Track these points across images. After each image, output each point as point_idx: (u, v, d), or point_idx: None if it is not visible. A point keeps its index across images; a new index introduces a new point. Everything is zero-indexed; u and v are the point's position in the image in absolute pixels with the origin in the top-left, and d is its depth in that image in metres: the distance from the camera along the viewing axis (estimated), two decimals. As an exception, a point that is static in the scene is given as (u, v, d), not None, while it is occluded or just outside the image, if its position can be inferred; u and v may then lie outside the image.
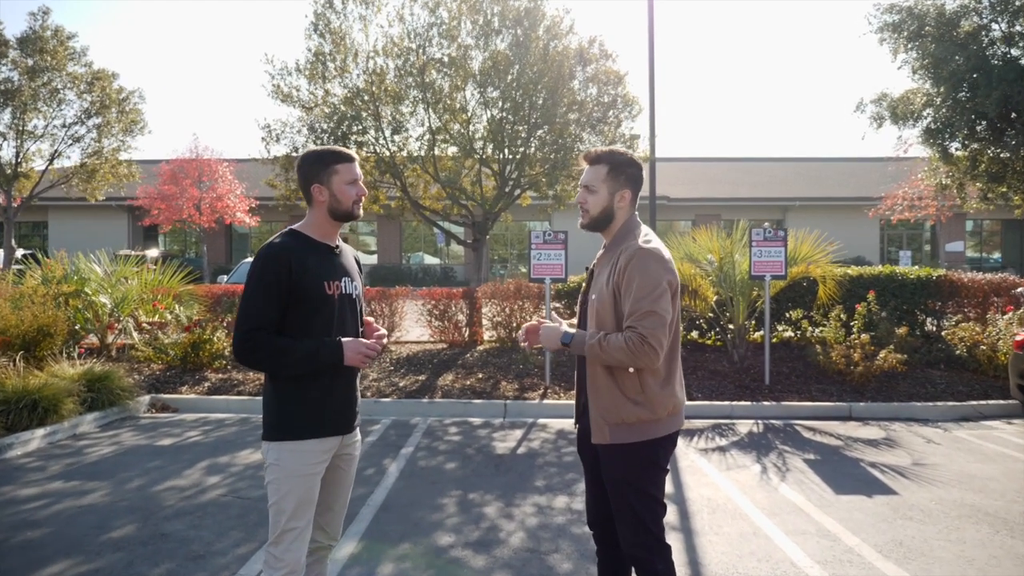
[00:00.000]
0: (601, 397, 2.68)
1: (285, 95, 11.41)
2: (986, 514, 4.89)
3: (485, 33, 10.99)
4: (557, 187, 11.56)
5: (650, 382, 2.65)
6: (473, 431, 7.42)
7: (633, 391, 2.64)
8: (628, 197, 2.79)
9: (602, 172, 2.78)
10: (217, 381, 9.07)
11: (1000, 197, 13.22)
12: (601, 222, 2.80)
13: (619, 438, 2.66)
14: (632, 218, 2.82)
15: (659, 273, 2.61)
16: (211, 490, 5.37)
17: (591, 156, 2.82)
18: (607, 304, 2.67)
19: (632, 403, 2.64)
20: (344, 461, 2.81)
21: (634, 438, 2.65)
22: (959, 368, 9.57)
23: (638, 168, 2.81)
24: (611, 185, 2.77)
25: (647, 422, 2.66)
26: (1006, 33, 11.69)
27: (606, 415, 2.67)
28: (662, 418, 2.68)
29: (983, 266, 31.94)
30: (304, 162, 2.74)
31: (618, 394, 2.65)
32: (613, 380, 2.66)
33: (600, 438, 2.69)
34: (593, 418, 2.70)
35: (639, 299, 2.56)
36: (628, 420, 2.64)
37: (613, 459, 2.68)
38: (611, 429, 2.66)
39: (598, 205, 2.78)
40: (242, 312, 2.57)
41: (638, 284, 2.57)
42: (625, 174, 2.78)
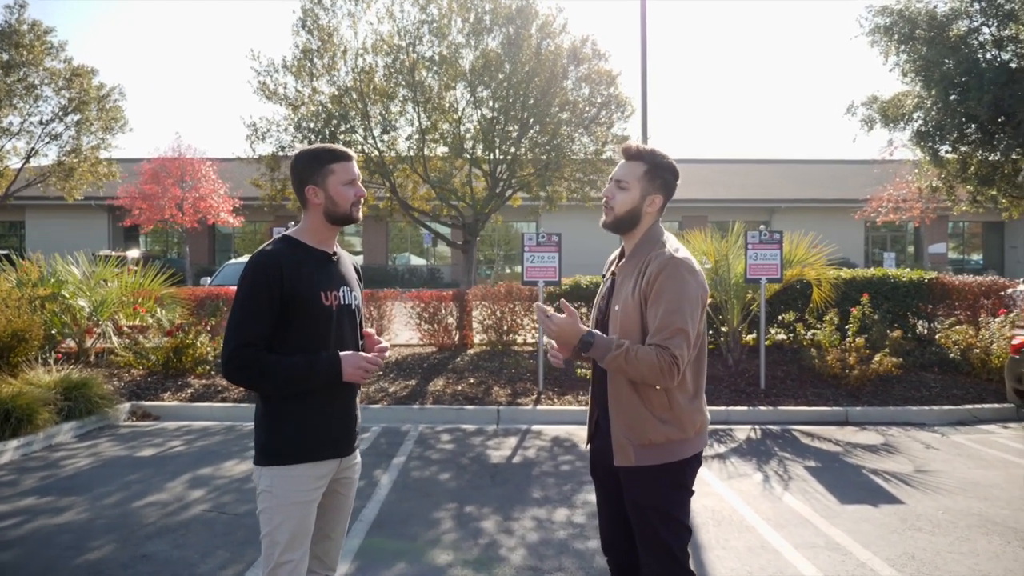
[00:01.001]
0: (625, 415, 2.48)
1: (271, 93, 11.16)
2: (995, 524, 4.77)
3: (476, 31, 10.80)
4: (549, 188, 11.39)
5: (679, 398, 2.46)
6: (466, 439, 7.23)
7: (661, 408, 2.45)
8: (658, 204, 2.59)
9: (639, 170, 2.56)
10: (200, 387, 8.81)
11: (989, 200, 13.22)
12: (624, 224, 2.59)
13: (645, 460, 2.46)
14: (657, 225, 2.62)
15: (693, 287, 2.43)
16: (195, 505, 5.14)
17: (631, 151, 2.59)
18: (633, 315, 2.47)
19: (659, 421, 2.45)
20: (343, 485, 2.61)
21: (661, 459, 2.46)
22: (953, 371, 9.51)
23: (676, 176, 2.61)
24: (645, 186, 2.56)
25: (675, 442, 2.47)
26: (996, 36, 11.68)
27: (631, 435, 2.47)
28: (690, 437, 2.50)
29: (964, 268, 32.20)
30: (298, 162, 2.53)
31: (644, 412, 2.46)
32: (639, 396, 2.46)
33: (624, 460, 2.49)
34: (616, 438, 2.50)
35: (671, 313, 2.37)
36: (655, 440, 2.45)
37: (638, 483, 2.49)
38: (636, 450, 2.46)
39: (626, 204, 2.56)
40: (231, 327, 2.36)
41: (669, 297, 2.38)
42: (662, 178, 2.57)
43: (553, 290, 10.38)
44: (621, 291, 2.55)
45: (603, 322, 2.65)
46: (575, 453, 6.67)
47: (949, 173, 13.02)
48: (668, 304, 2.37)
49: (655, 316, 2.40)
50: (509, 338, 10.87)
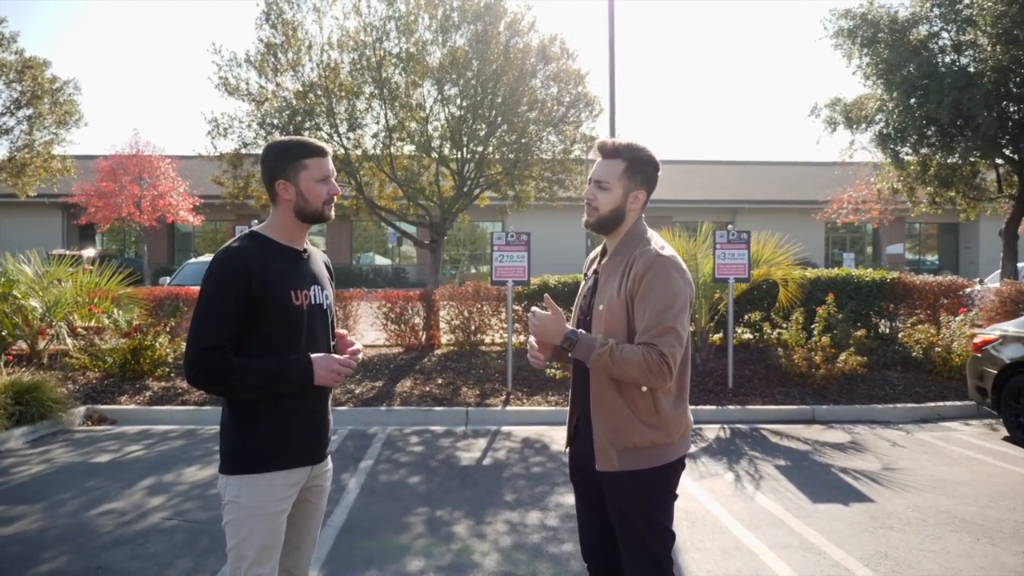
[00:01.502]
0: (609, 418, 2.40)
1: (233, 88, 10.90)
2: (964, 521, 4.82)
3: (444, 28, 10.68)
4: (518, 187, 11.31)
5: (663, 401, 2.39)
6: (435, 441, 7.12)
7: (646, 411, 2.38)
8: (642, 199, 2.51)
9: (618, 168, 2.47)
10: (160, 390, 8.55)
11: (948, 201, 13.49)
12: (609, 223, 2.51)
13: (629, 465, 2.38)
14: (640, 221, 2.55)
15: (680, 285, 2.36)
16: (154, 513, 4.95)
17: (607, 148, 2.50)
18: (618, 315, 2.39)
19: (644, 425, 2.38)
20: (313, 494, 2.49)
21: (645, 464, 2.39)
22: (915, 369, 9.65)
23: (656, 168, 2.53)
24: (626, 183, 2.47)
25: (660, 446, 2.40)
26: (955, 41, 11.91)
27: (614, 439, 2.39)
28: (675, 440, 2.43)
29: (921, 268, 32.95)
30: (269, 154, 2.41)
31: (629, 415, 2.38)
32: (624, 399, 2.38)
33: (607, 465, 2.41)
34: (599, 442, 2.42)
35: (659, 312, 2.29)
36: (640, 444, 2.38)
37: (622, 488, 2.41)
38: (620, 455, 2.38)
39: (609, 204, 2.47)
40: (194, 328, 2.23)
41: (658, 296, 2.31)
42: (643, 173, 2.49)
43: (522, 289, 10.31)
44: (605, 290, 2.47)
45: (586, 323, 2.55)
46: (546, 454, 6.60)
47: (910, 175, 13.26)
48: (656, 303, 2.30)
49: (643, 315, 2.32)
50: (477, 338, 10.78)
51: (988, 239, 32.18)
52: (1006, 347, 7.36)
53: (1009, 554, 4.26)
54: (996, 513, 4.97)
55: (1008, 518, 4.87)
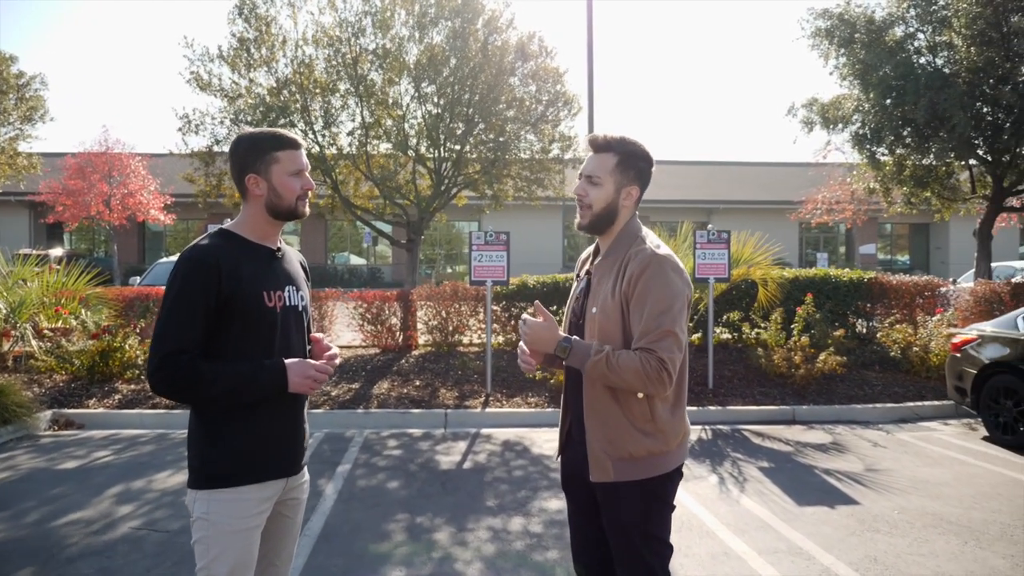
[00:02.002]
0: (604, 426, 2.29)
1: (205, 83, 10.64)
2: (950, 523, 4.79)
3: (421, 24, 10.52)
4: (496, 186, 11.19)
5: (660, 408, 2.28)
6: (414, 444, 6.97)
7: (642, 419, 2.27)
8: (635, 195, 2.39)
9: (610, 163, 2.35)
10: (129, 393, 8.31)
11: (923, 202, 13.60)
12: (603, 221, 2.39)
13: (625, 475, 2.27)
14: (634, 219, 2.43)
15: (678, 285, 2.25)
16: (123, 522, 4.75)
17: (598, 142, 2.38)
18: (613, 318, 2.28)
19: (641, 434, 2.27)
20: (289, 508, 2.35)
21: (642, 474, 2.28)
22: (893, 369, 9.69)
23: (650, 163, 2.41)
24: (619, 179, 2.36)
25: (657, 455, 2.29)
26: (931, 42, 12.00)
27: (609, 448, 2.28)
28: (672, 449, 2.33)
29: (892, 267, 33.38)
30: (238, 146, 2.25)
31: (625, 423, 2.27)
32: (619, 406, 2.27)
33: (602, 475, 2.29)
34: (593, 452, 2.30)
35: (658, 315, 2.18)
36: (636, 454, 2.27)
37: (617, 500, 2.30)
38: (615, 465, 2.27)
39: (601, 201, 2.35)
40: (159, 332, 2.07)
41: (656, 297, 2.20)
42: (636, 168, 2.37)
43: (500, 289, 10.20)
44: (599, 292, 2.36)
45: (579, 326, 2.44)
46: (527, 457, 6.49)
47: (885, 175, 13.35)
48: (654, 305, 2.20)
49: (639, 318, 2.21)
50: (455, 339, 10.64)
51: (958, 239, 32.71)
52: (985, 347, 7.39)
53: (998, 557, 4.23)
54: (981, 515, 4.95)
55: (994, 520, 4.85)
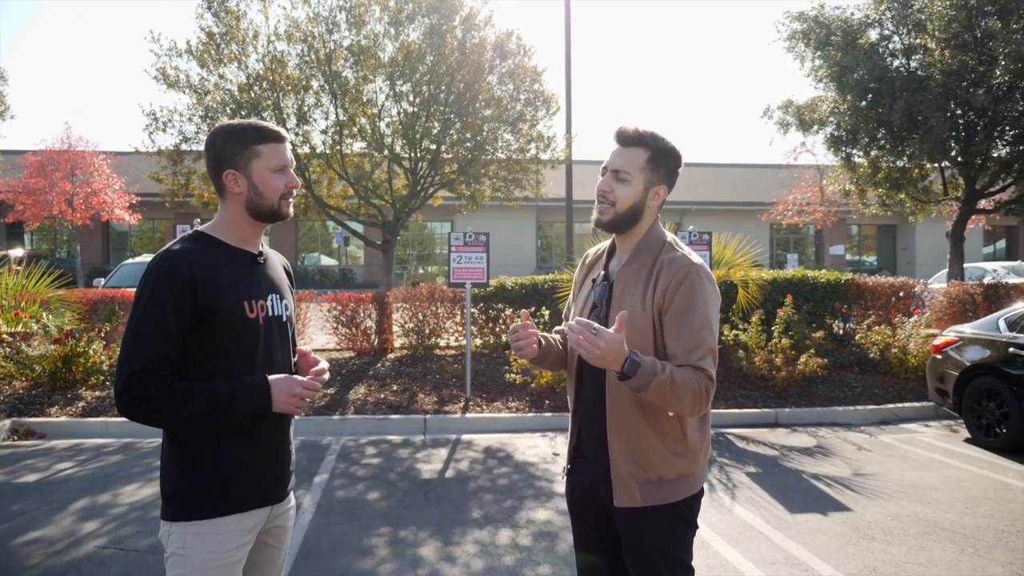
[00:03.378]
0: (630, 447, 2.10)
1: (172, 80, 10.29)
2: (944, 530, 4.72)
3: (397, 21, 10.28)
4: (473, 186, 10.99)
5: (691, 426, 2.12)
6: (393, 451, 6.76)
7: (673, 438, 2.10)
8: (662, 196, 2.21)
9: (640, 158, 2.15)
10: (94, 400, 7.97)
11: (897, 203, 13.70)
12: (626, 221, 2.19)
13: (652, 499, 2.10)
14: (658, 222, 2.26)
15: (714, 298, 2.10)
16: (88, 540, 4.48)
17: (628, 135, 2.16)
18: (644, 330, 2.09)
19: (672, 454, 2.09)
20: (273, 537, 2.13)
21: (670, 498, 2.11)
22: (872, 370, 9.69)
23: (679, 162, 2.22)
24: (649, 177, 2.16)
25: (686, 477, 2.12)
26: (906, 45, 12.07)
27: (637, 471, 2.09)
28: (700, 469, 2.17)
29: (860, 268, 33.83)
30: (215, 140, 2.03)
31: (655, 443, 2.09)
32: (649, 424, 2.08)
33: (628, 500, 2.11)
34: (618, 475, 2.11)
35: (700, 330, 2.01)
36: (667, 476, 2.09)
37: (643, 524, 2.12)
38: (642, 488, 2.09)
39: (628, 199, 2.15)
40: (127, 349, 1.85)
41: (698, 310, 2.03)
42: (666, 166, 2.19)
43: (479, 291, 10.02)
44: (624, 301, 2.15)
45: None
46: (510, 465, 6.32)
47: (860, 177, 13.42)
48: (696, 319, 2.03)
49: (680, 333, 2.03)
50: (431, 342, 10.44)
51: (924, 240, 33.25)
52: (966, 349, 7.38)
53: (996, 565, 4.15)
54: (974, 520, 4.89)
55: (987, 525, 4.79)
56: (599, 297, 2.26)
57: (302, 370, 2.19)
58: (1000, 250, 35.70)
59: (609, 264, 2.32)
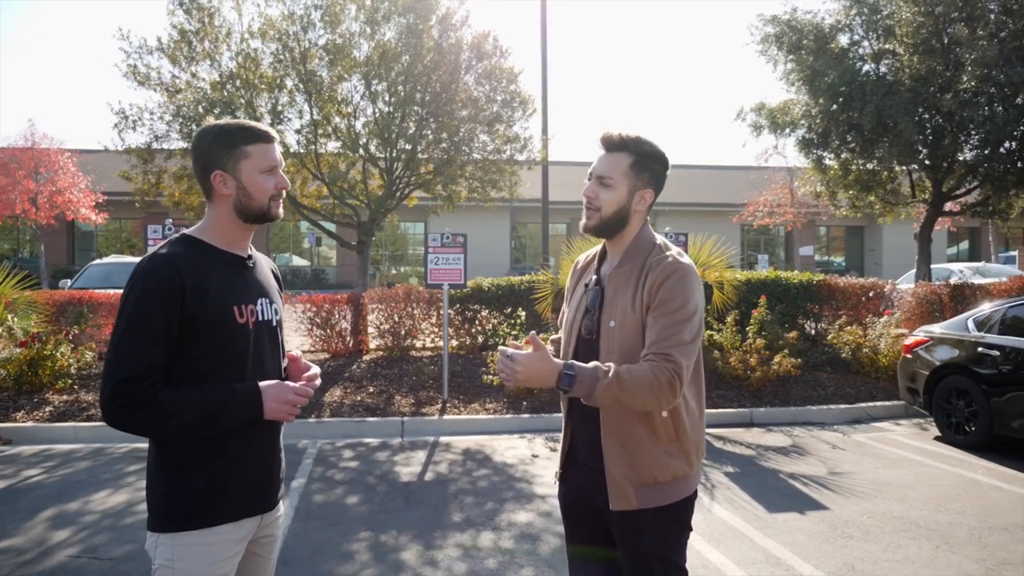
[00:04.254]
0: (625, 450, 2.10)
1: (143, 77, 10.10)
2: (919, 527, 4.79)
3: (372, 20, 10.19)
4: (450, 187, 10.94)
5: (687, 424, 2.12)
6: (371, 454, 6.71)
7: (667, 439, 2.10)
8: (649, 199, 2.23)
9: (623, 163, 2.18)
10: (62, 405, 7.79)
11: (867, 205, 13.92)
12: (613, 226, 2.21)
13: (648, 502, 2.10)
14: (647, 225, 2.28)
15: (699, 296, 2.11)
16: (59, 550, 4.37)
17: (612, 140, 2.19)
18: (635, 332, 2.09)
19: (667, 456, 2.10)
20: (263, 546, 2.09)
21: (666, 500, 2.11)
22: (844, 370, 9.84)
23: (665, 165, 2.24)
24: (633, 181, 2.18)
25: (681, 478, 2.13)
26: (875, 50, 12.26)
27: (631, 474, 2.10)
28: (695, 470, 2.19)
29: (829, 269, 34.37)
30: (202, 140, 1.99)
31: (649, 444, 2.09)
32: (644, 426, 2.09)
33: (623, 504, 2.11)
34: (613, 478, 2.11)
35: (676, 323, 2.02)
36: (661, 479, 2.10)
37: (638, 527, 2.12)
38: (638, 491, 2.10)
39: (613, 204, 2.18)
40: (112, 356, 1.80)
41: (676, 304, 2.04)
42: (651, 170, 2.21)
43: (455, 292, 9.99)
44: (616, 304, 2.16)
45: (591, 342, 2.22)
46: (489, 467, 6.30)
47: (831, 179, 13.61)
48: (674, 313, 2.03)
49: (656, 322, 2.04)
50: (407, 343, 10.38)
51: (890, 241, 33.89)
52: (936, 349, 7.52)
53: (971, 562, 4.23)
54: (947, 517, 4.98)
55: (960, 522, 4.88)
56: (591, 302, 2.26)
57: (292, 376, 2.15)
58: (963, 251, 36.52)
59: (601, 268, 2.32)
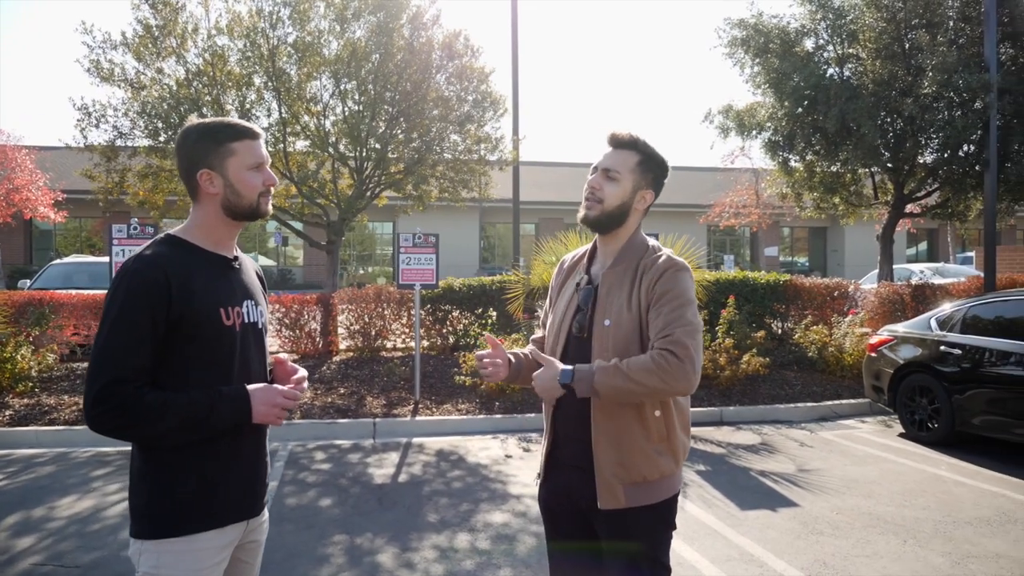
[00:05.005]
0: (614, 448, 2.12)
1: (106, 73, 9.88)
2: (886, 522, 4.90)
3: (342, 18, 10.11)
4: (422, 187, 10.89)
5: (676, 421, 2.15)
6: (343, 456, 6.65)
7: (658, 437, 2.12)
8: (648, 200, 2.27)
9: (631, 160, 2.23)
10: (22, 408, 7.59)
11: (831, 207, 14.17)
12: (612, 220, 2.23)
13: (636, 500, 2.11)
14: (640, 228, 2.31)
15: (693, 293, 2.15)
16: (24, 558, 4.26)
17: (621, 137, 2.24)
18: (630, 329, 2.12)
19: (656, 453, 2.12)
20: (248, 552, 2.07)
21: (654, 498, 2.13)
22: (810, 369, 10.01)
23: (666, 172, 2.29)
24: (638, 179, 2.23)
25: (668, 477, 2.15)
26: (840, 55, 12.50)
27: (621, 472, 2.11)
28: (680, 470, 2.22)
29: (793, 269, 34.96)
30: (187, 139, 1.96)
31: (640, 443, 2.11)
32: (637, 424, 2.11)
33: (612, 502, 2.12)
34: (603, 477, 2.12)
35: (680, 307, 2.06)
36: (649, 476, 2.11)
37: (625, 527, 2.14)
38: (627, 490, 2.11)
39: (616, 198, 2.21)
40: (96, 359, 1.76)
41: (678, 294, 2.08)
42: (654, 172, 2.27)
43: (426, 292, 9.95)
44: (610, 303, 2.19)
45: (582, 340, 2.23)
46: (463, 468, 6.29)
47: (796, 181, 13.84)
48: (675, 300, 2.08)
49: (660, 311, 2.08)
50: (378, 344, 10.31)
51: (852, 242, 34.59)
52: (901, 347, 7.69)
53: (937, 555, 4.33)
54: (913, 512, 5.09)
55: (926, 517, 4.99)
56: (583, 300, 2.27)
57: (279, 379, 2.12)
58: (922, 252, 37.40)
59: (591, 268, 2.34)
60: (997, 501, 5.34)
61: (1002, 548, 4.43)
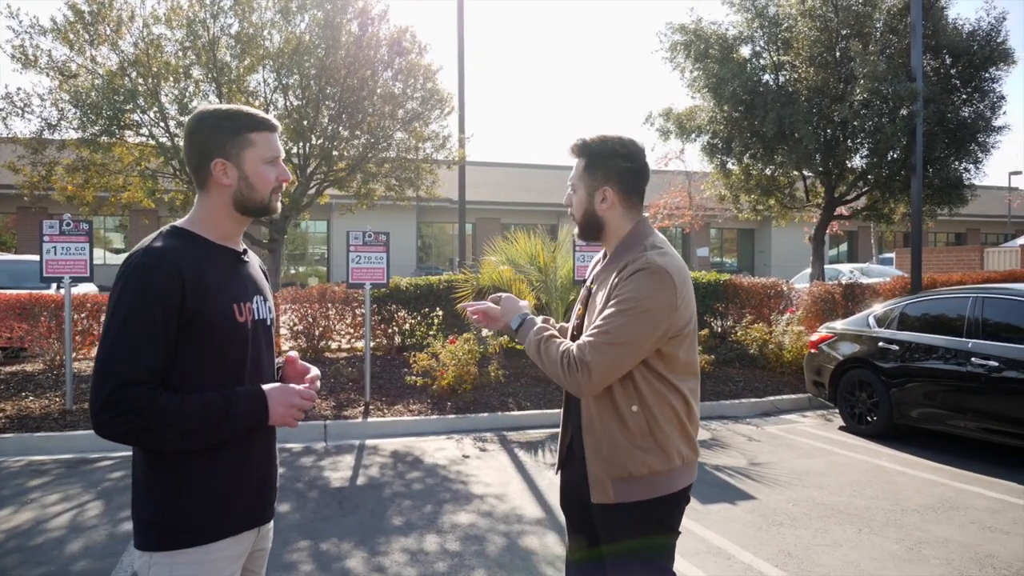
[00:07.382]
0: (599, 442, 2.13)
1: (32, 59, 9.36)
2: (840, 512, 5.07)
3: (286, 11, 9.85)
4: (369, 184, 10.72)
5: (662, 421, 2.12)
6: (296, 460, 6.48)
7: (640, 434, 2.11)
8: (612, 196, 2.20)
9: (580, 167, 2.26)
10: (-57, 415, 7.11)
11: (767, 209, 14.63)
12: (589, 228, 2.28)
13: (625, 496, 2.11)
14: (639, 225, 2.24)
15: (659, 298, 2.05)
16: (-35, 574, 3.99)
17: (572, 147, 2.27)
18: None
19: (640, 449, 2.10)
20: (255, 561, 1.99)
21: (644, 495, 2.11)
22: (751, 366, 10.30)
23: (624, 158, 2.19)
24: (588, 183, 2.23)
25: (659, 473, 2.12)
26: (776, 62, 12.91)
27: (607, 467, 2.12)
28: (676, 467, 2.15)
29: (722, 269, 35.95)
30: (201, 124, 1.84)
31: (622, 439, 2.11)
32: (616, 420, 2.11)
33: (601, 496, 2.13)
34: (592, 471, 2.14)
35: (613, 316, 2.04)
36: (636, 472, 2.10)
37: (616, 522, 2.14)
38: (615, 485, 2.11)
39: (579, 208, 2.28)
40: (105, 360, 1.64)
41: (623, 303, 2.04)
42: (603, 167, 2.19)
43: (373, 292, 9.80)
44: (595, 302, 2.21)
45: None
46: (421, 468, 6.22)
47: (734, 183, 14.24)
48: (614, 306, 2.06)
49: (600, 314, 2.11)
50: (322, 344, 10.10)
51: (779, 243, 35.83)
52: (840, 344, 7.99)
53: (892, 542, 4.51)
54: (863, 502, 5.30)
55: (876, 506, 5.20)
56: (582, 299, 2.36)
57: (291, 378, 2.04)
58: (843, 253, 39.03)
59: (595, 269, 2.39)
60: (939, 489, 5.60)
61: (949, 533, 4.65)
